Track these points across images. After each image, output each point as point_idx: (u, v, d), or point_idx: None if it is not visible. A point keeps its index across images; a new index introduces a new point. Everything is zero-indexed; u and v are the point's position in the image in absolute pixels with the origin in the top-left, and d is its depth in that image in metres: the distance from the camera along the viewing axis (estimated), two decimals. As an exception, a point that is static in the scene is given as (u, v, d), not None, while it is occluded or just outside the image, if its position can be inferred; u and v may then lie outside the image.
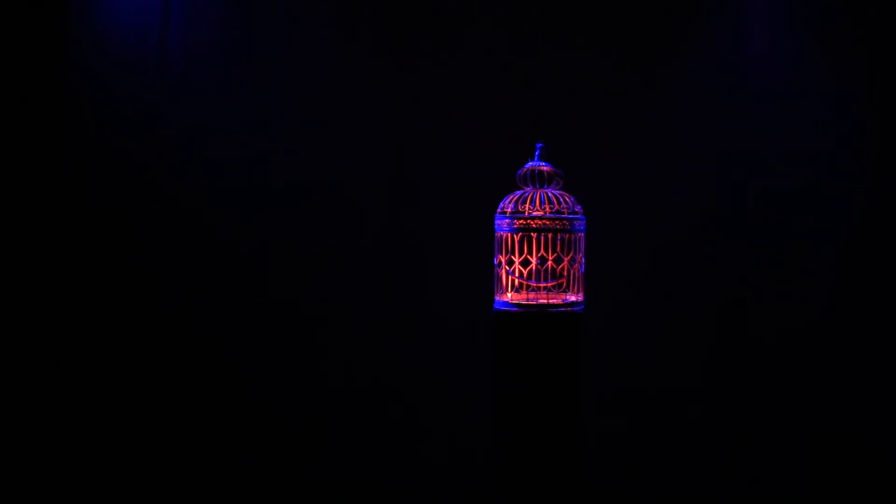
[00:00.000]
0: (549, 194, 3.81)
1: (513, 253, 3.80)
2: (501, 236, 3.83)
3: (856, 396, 4.66)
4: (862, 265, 4.66)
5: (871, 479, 4.61)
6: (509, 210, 3.81)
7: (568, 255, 3.79)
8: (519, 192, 3.85)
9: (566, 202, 3.81)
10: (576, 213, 3.81)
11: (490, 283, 3.91)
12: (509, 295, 3.84)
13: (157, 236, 4.75)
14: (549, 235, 3.76)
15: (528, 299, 3.80)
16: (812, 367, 4.69)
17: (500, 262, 3.84)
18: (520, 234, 3.77)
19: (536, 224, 3.75)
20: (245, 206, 4.78)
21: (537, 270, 3.79)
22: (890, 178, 4.63)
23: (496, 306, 3.82)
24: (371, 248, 4.79)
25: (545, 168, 3.83)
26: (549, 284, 3.80)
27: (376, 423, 4.80)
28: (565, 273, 3.80)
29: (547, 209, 3.77)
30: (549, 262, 3.77)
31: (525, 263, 3.79)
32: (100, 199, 4.73)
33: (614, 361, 4.69)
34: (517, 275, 3.80)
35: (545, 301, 3.77)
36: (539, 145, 3.87)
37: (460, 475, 4.68)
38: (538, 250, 3.77)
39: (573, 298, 3.81)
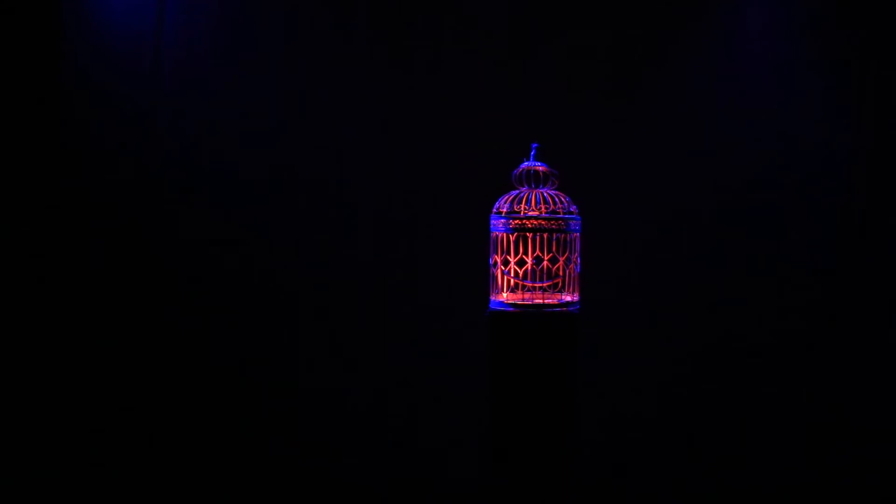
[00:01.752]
0: (545, 194, 3.80)
1: (508, 253, 3.79)
2: (497, 236, 3.82)
3: (856, 396, 4.64)
4: (861, 264, 4.65)
5: (871, 479, 4.60)
6: (505, 210, 3.80)
7: (563, 255, 3.78)
8: (514, 192, 3.84)
9: (562, 202, 3.80)
10: (571, 213, 3.80)
11: (486, 283, 3.91)
12: (505, 295, 3.83)
13: (154, 236, 4.76)
14: (545, 235, 3.75)
15: (523, 299, 3.79)
16: (812, 366, 4.68)
17: (496, 263, 3.84)
18: (515, 234, 3.76)
19: (532, 224, 3.74)
20: (244, 206, 4.79)
21: (533, 270, 3.78)
22: (889, 178, 4.62)
23: (492, 306, 3.81)
24: (368, 248, 4.79)
25: (540, 168, 3.82)
26: (544, 284, 3.79)
27: (376, 423, 4.81)
28: (561, 273, 3.79)
29: (542, 209, 3.76)
30: (545, 263, 3.76)
31: (520, 263, 3.78)
32: (95, 200, 4.73)
33: (611, 361, 4.68)
34: (512, 275, 3.80)
35: (541, 301, 3.77)
36: (535, 145, 3.86)
37: (460, 475, 4.69)
38: (534, 250, 3.76)
39: (569, 298, 3.80)
